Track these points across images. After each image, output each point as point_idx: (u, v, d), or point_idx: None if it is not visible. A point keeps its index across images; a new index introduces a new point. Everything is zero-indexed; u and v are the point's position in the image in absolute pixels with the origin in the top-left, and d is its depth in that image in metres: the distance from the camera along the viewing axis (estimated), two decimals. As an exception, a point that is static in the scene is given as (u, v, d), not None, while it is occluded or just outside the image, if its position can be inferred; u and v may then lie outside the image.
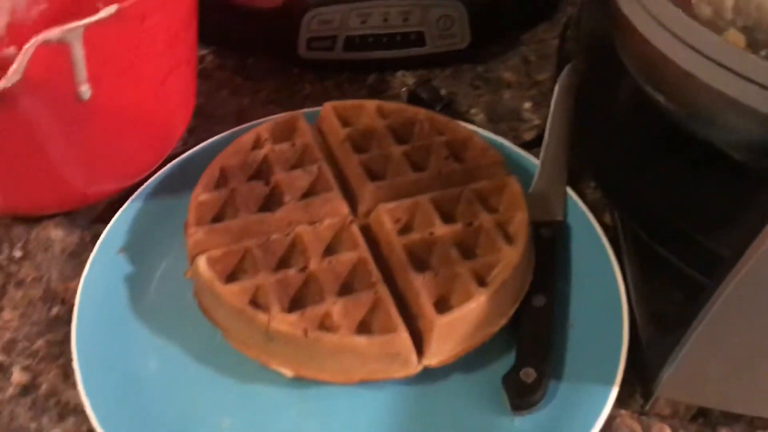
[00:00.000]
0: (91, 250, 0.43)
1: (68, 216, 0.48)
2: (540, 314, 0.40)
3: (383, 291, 0.38)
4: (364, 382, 0.38)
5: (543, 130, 0.50)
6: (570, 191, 0.46)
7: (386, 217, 0.41)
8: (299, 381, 0.38)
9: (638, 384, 0.40)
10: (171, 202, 0.46)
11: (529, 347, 0.39)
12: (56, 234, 0.47)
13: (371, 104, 0.47)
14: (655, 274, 0.41)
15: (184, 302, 0.41)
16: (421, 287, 0.38)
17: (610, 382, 0.38)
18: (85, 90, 0.38)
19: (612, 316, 0.40)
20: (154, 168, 0.47)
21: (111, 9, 0.37)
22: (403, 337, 0.37)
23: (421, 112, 0.47)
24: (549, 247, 0.43)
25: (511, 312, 0.40)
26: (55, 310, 0.43)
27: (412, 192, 0.43)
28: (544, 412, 0.38)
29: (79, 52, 0.36)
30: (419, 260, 0.40)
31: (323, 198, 0.42)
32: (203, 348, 0.40)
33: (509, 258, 0.39)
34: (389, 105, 0.48)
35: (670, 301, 0.40)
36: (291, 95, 0.56)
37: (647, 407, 0.39)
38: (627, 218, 0.43)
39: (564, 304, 0.42)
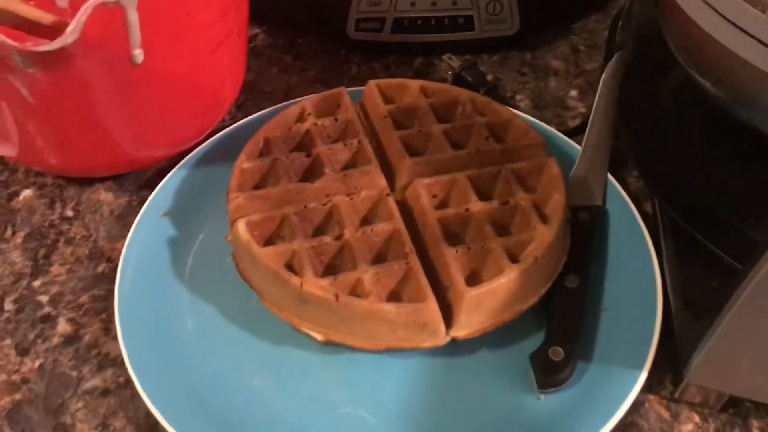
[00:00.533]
0: (137, 214, 0.45)
1: (118, 180, 0.49)
2: (572, 295, 0.40)
3: (415, 262, 0.39)
4: (392, 351, 0.38)
5: (587, 118, 0.50)
6: (611, 178, 0.46)
7: (423, 191, 0.42)
8: (329, 347, 0.39)
9: (669, 370, 0.39)
10: (216, 172, 0.47)
11: (559, 326, 0.39)
12: (106, 197, 0.49)
13: (415, 83, 0.48)
14: (692, 263, 0.41)
15: (222, 267, 0.43)
16: (453, 260, 0.38)
17: (639, 366, 0.38)
18: (138, 54, 0.39)
19: (646, 301, 0.40)
20: (201, 137, 0.48)
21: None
22: (432, 307, 0.37)
23: (464, 93, 0.47)
24: (586, 231, 0.43)
25: (543, 291, 0.40)
26: (100, 268, 0.45)
27: (450, 169, 0.43)
28: (571, 391, 0.38)
29: (133, 17, 0.37)
30: (453, 235, 0.40)
31: (362, 171, 0.43)
32: (238, 310, 0.41)
33: (543, 236, 0.39)
34: (433, 85, 0.48)
35: (706, 290, 0.39)
36: (338, 75, 0.57)
37: (677, 394, 0.38)
38: (667, 204, 0.42)
39: (598, 287, 0.42)
